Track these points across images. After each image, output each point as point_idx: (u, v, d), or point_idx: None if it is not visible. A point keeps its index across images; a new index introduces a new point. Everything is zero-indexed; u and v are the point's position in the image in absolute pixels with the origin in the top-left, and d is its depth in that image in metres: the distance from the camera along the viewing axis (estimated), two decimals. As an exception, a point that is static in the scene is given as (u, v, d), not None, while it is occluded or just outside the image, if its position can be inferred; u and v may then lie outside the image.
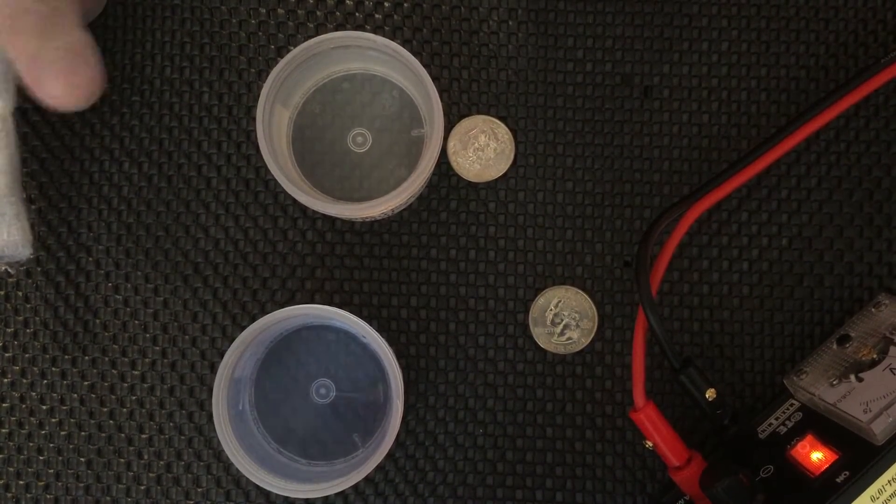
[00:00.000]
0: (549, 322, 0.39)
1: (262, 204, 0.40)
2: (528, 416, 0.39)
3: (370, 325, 0.35)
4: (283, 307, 0.35)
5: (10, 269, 0.39)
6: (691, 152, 0.40)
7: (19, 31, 0.33)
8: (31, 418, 0.39)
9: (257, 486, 0.39)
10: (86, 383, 0.40)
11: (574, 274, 0.40)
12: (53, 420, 0.39)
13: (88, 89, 0.35)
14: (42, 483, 0.39)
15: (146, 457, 0.39)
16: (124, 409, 0.39)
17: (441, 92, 0.40)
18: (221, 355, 0.39)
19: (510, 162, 0.40)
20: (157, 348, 0.40)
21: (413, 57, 0.35)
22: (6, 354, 0.40)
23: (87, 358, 0.40)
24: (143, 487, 0.39)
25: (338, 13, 0.41)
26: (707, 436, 0.39)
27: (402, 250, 0.40)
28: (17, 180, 0.36)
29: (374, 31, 0.40)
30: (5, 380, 0.40)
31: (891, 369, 0.34)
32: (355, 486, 0.39)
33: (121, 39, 0.40)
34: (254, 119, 0.38)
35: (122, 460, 0.39)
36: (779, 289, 0.40)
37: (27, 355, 0.40)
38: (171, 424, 0.39)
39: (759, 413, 0.38)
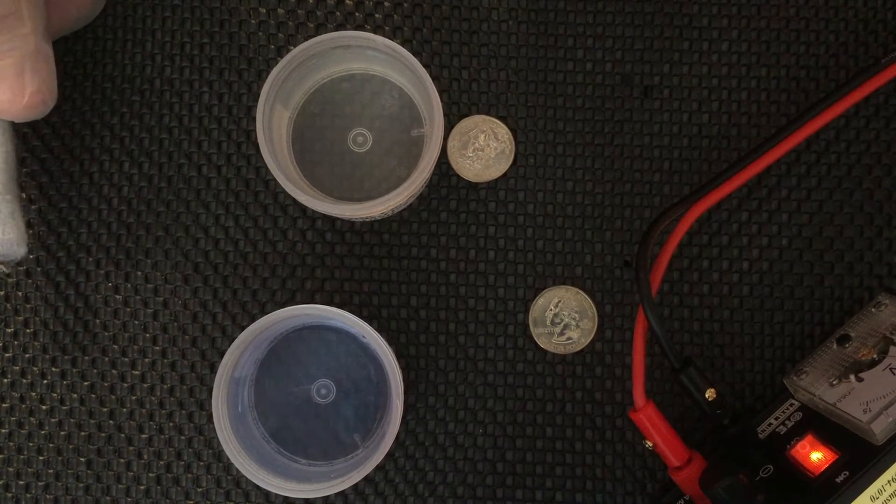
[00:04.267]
0: (549, 322, 0.39)
1: (262, 204, 0.40)
2: (527, 416, 0.39)
3: (370, 325, 0.35)
4: (283, 307, 0.35)
5: (4, 268, 0.39)
6: (691, 152, 0.40)
7: None
8: (31, 418, 0.39)
9: (257, 487, 0.39)
10: (85, 383, 0.40)
11: (574, 274, 0.40)
12: (53, 420, 0.39)
13: (34, 99, 0.34)
14: (42, 483, 0.39)
15: (146, 457, 0.39)
16: (124, 410, 0.39)
17: (441, 92, 0.40)
18: (221, 355, 0.39)
19: (510, 162, 0.40)
20: (157, 348, 0.40)
21: (413, 57, 0.35)
22: (6, 354, 0.40)
23: (86, 358, 0.40)
24: (142, 487, 0.39)
25: (338, 13, 0.41)
26: (707, 436, 0.39)
27: (402, 250, 0.40)
28: (13, 179, 0.36)
29: (374, 31, 0.40)
30: (5, 380, 0.40)
31: (891, 369, 0.34)
32: (355, 486, 0.39)
33: (121, 39, 0.40)
34: (254, 119, 0.38)
35: (121, 460, 0.39)
36: (779, 289, 0.40)
37: (27, 355, 0.40)
38: (171, 424, 0.39)
39: (759, 413, 0.38)
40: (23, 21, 0.33)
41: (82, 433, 0.39)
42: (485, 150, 0.40)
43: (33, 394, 0.39)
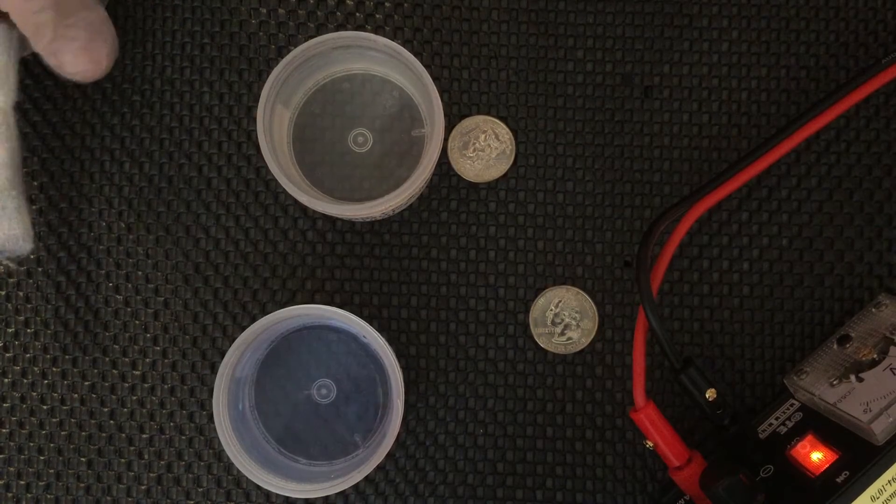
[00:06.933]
0: (549, 322, 0.39)
1: (263, 204, 0.40)
2: (528, 416, 0.39)
3: (370, 325, 0.35)
4: (283, 307, 0.35)
5: (10, 264, 0.39)
6: (691, 152, 0.40)
7: (37, 11, 0.34)
8: (32, 418, 0.39)
9: (258, 486, 0.39)
10: (86, 383, 0.40)
11: (574, 274, 0.40)
12: (54, 420, 0.39)
13: (109, 61, 0.36)
14: (43, 483, 0.39)
15: (147, 457, 0.39)
16: (125, 410, 0.39)
17: (441, 92, 0.40)
18: (222, 355, 0.39)
19: (510, 162, 0.40)
20: (158, 348, 0.40)
21: (413, 57, 0.35)
22: (7, 354, 0.40)
23: (87, 358, 0.40)
24: (143, 487, 0.39)
25: (338, 13, 0.41)
26: (707, 436, 0.39)
27: (402, 250, 0.40)
28: (19, 174, 0.36)
29: (375, 32, 0.40)
30: (6, 380, 0.40)
31: (891, 369, 0.34)
32: (355, 486, 0.39)
33: (121, 39, 0.40)
34: (254, 119, 0.38)
35: (122, 460, 0.39)
36: (779, 289, 0.40)
37: (28, 355, 0.40)
38: (172, 424, 0.39)
39: (759, 413, 0.38)
40: None
41: (83, 433, 0.39)
42: (485, 150, 0.40)
43: (34, 394, 0.40)
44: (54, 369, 0.40)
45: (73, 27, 0.34)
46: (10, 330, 0.40)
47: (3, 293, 0.40)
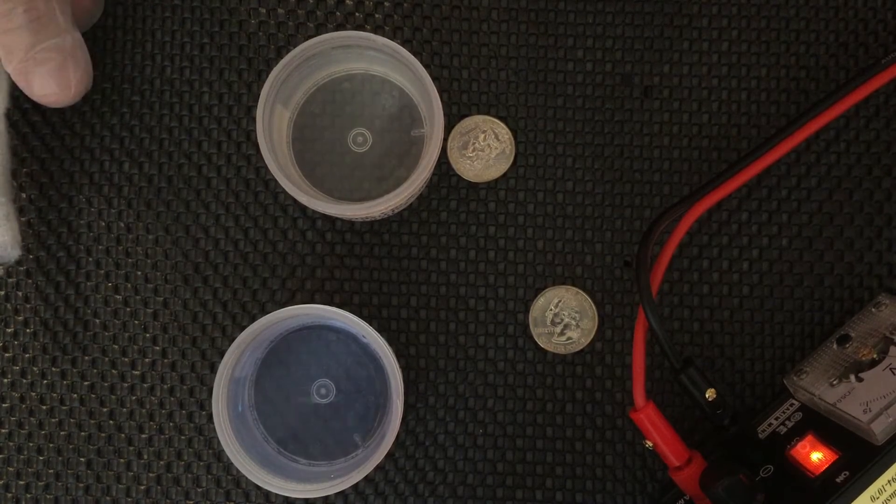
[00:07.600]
0: (549, 322, 0.39)
1: (263, 204, 0.40)
2: (528, 416, 0.39)
3: (370, 325, 0.35)
4: (283, 307, 0.35)
5: (0, 270, 0.39)
6: (691, 152, 0.40)
7: (11, 30, 0.34)
8: (31, 418, 0.39)
9: (257, 486, 0.39)
10: (86, 383, 0.40)
11: (574, 274, 0.40)
12: (53, 420, 0.39)
13: (78, 88, 0.36)
14: (42, 483, 0.39)
15: (146, 457, 0.39)
16: (124, 410, 0.39)
17: (441, 92, 0.40)
18: (221, 355, 0.39)
19: (510, 162, 0.40)
20: (157, 348, 0.40)
21: (413, 57, 0.35)
22: (6, 354, 0.40)
23: (86, 358, 0.40)
24: (142, 487, 0.39)
25: (338, 13, 0.41)
26: (707, 436, 0.39)
27: (402, 250, 0.40)
28: (8, 181, 0.36)
29: (374, 31, 0.40)
30: (5, 380, 0.40)
31: (891, 369, 0.34)
32: (355, 486, 0.39)
33: (121, 39, 0.40)
34: (254, 119, 0.38)
35: (121, 460, 0.39)
36: (779, 289, 0.40)
37: (27, 355, 0.40)
38: (171, 424, 0.39)
39: (759, 413, 0.38)
40: (57, 19, 0.35)
41: (82, 433, 0.39)
42: (485, 150, 0.40)
43: (33, 394, 0.39)
44: (53, 369, 0.40)
45: (46, 50, 0.35)
46: (10, 330, 0.40)
47: (2, 293, 0.40)
